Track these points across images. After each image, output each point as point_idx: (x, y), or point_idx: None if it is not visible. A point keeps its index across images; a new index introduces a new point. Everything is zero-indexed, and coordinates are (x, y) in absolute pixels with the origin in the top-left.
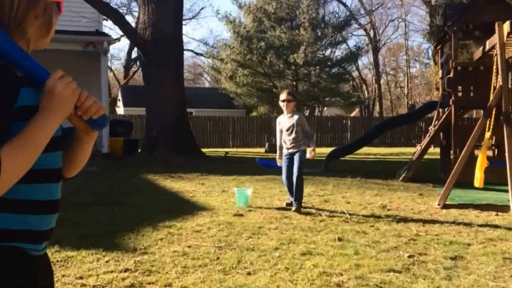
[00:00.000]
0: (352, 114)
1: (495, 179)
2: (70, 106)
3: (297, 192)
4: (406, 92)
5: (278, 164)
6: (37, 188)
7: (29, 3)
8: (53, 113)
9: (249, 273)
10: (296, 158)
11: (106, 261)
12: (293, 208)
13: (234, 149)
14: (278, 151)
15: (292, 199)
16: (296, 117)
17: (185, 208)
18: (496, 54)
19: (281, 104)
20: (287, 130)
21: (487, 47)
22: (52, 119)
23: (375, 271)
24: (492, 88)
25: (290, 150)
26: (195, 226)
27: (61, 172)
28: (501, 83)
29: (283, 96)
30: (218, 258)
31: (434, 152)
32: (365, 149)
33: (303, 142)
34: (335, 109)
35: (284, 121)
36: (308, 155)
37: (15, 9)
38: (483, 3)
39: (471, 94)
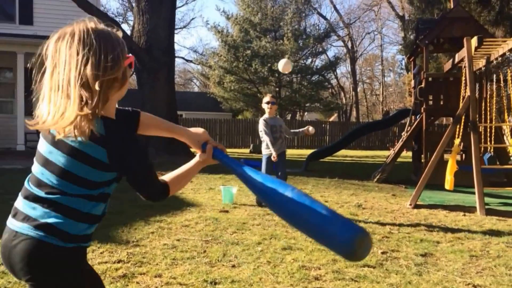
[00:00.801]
0: (331, 119)
1: (463, 181)
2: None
3: None
4: (381, 99)
5: (275, 161)
6: (104, 206)
7: (111, 83)
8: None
9: (233, 266)
10: (281, 159)
11: (101, 253)
12: None
13: None
14: (272, 148)
15: None
16: (279, 119)
17: (175, 204)
18: (464, 67)
19: (265, 106)
20: (275, 131)
21: (456, 59)
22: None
23: (350, 266)
24: (461, 98)
25: (277, 151)
26: (184, 221)
27: None
28: (469, 94)
29: (267, 99)
30: (205, 251)
31: (407, 155)
32: (342, 152)
33: (285, 143)
34: (315, 114)
35: (273, 123)
36: (310, 131)
37: (103, 93)
38: (453, 19)
39: (441, 103)
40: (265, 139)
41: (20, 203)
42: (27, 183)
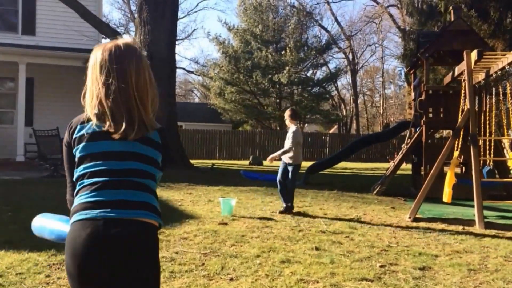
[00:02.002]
0: (331, 131)
1: (462, 195)
2: None
3: (289, 196)
4: (381, 111)
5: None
6: None
7: (150, 86)
8: None
9: (231, 279)
10: (290, 169)
11: None
12: (281, 209)
13: (221, 161)
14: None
15: (284, 203)
16: (288, 130)
17: (174, 216)
18: (464, 80)
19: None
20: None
21: (456, 73)
22: None
23: (349, 279)
24: (460, 110)
25: (286, 160)
26: (183, 233)
27: None
28: (468, 107)
29: (289, 112)
30: (203, 264)
31: (407, 168)
32: (342, 164)
33: (296, 155)
34: (316, 126)
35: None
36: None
37: (145, 94)
38: (453, 32)
39: (441, 116)
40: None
41: None
42: None
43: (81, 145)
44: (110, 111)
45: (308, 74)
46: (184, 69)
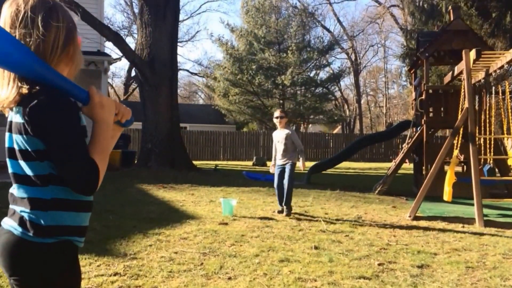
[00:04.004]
0: (335, 131)
1: (463, 193)
2: (114, 113)
3: (287, 199)
4: (384, 111)
5: (271, 171)
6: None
7: (64, 47)
8: (107, 121)
9: (229, 278)
10: (286, 169)
11: (98, 265)
12: (285, 213)
13: (224, 162)
14: (272, 161)
15: (280, 207)
16: (286, 131)
17: (175, 216)
18: (463, 79)
19: (275, 120)
20: (279, 142)
21: (456, 72)
22: (109, 126)
23: (347, 277)
24: (460, 109)
25: (281, 162)
26: (183, 233)
27: None
28: (467, 105)
29: (277, 113)
30: (202, 264)
31: (409, 167)
32: (345, 164)
33: (292, 155)
34: (319, 126)
35: (277, 135)
36: (301, 167)
37: (53, 52)
38: (452, 32)
39: (441, 115)
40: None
41: None
42: None
43: None
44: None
45: (311, 75)
46: (188, 70)
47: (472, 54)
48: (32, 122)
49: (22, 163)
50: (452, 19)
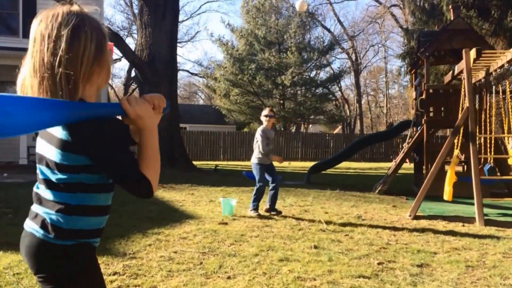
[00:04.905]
0: (335, 131)
1: (463, 193)
2: (153, 113)
3: (274, 198)
4: (385, 111)
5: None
6: (107, 196)
7: (95, 59)
8: (151, 127)
9: (229, 277)
10: (273, 168)
11: None
12: (274, 212)
13: (225, 162)
14: (265, 157)
15: (268, 204)
16: (273, 131)
17: (174, 216)
18: (463, 78)
19: (265, 118)
20: (270, 142)
21: (456, 71)
22: (152, 132)
23: (346, 276)
24: (461, 109)
25: (268, 161)
26: (182, 233)
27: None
28: (467, 105)
29: (267, 112)
30: (201, 263)
31: (410, 167)
32: (345, 164)
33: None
34: (319, 126)
35: (271, 134)
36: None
37: (85, 65)
38: (453, 31)
39: (442, 115)
40: (261, 148)
41: None
42: None
43: None
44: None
45: (312, 75)
46: (188, 71)
47: (472, 53)
48: (78, 141)
49: (55, 172)
50: (452, 18)
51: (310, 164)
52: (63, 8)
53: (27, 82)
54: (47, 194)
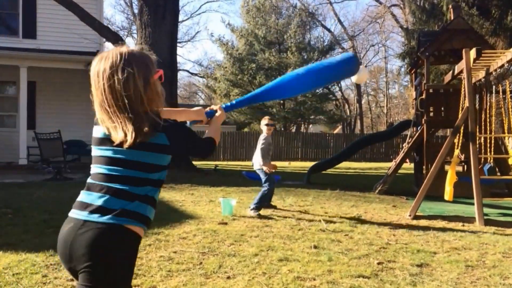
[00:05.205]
0: (335, 131)
1: (464, 193)
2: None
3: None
4: (385, 111)
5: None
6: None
7: (145, 89)
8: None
9: (228, 277)
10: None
11: None
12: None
13: (224, 162)
14: (267, 162)
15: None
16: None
17: (174, 216)
18: (463, 78)
19: (266, 128)
20: (271, 148)
21: (456, 71)
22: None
23: (346, 276)
24: (461, 109)
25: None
26: (182, 233)
27: None
28: (468, 105)
29: (267, 121)
30: (201, 263)
31: (410, 167)
32: (346, 164)
33: None
34: (320, 126)
35: (271, 141)
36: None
37: (139, 97)
38: (453, 31)
39: (442, 114)
40: (263, 155)
41: None
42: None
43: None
44: (109, 119)
45: None
46: (188, 71)
47: (472, 53)
48: (176, 143)
49: (137, 171)
50: (452, 18)
51: (310, 164)
52: (114, 51)
53: (98, 116)
54: (122, 187)
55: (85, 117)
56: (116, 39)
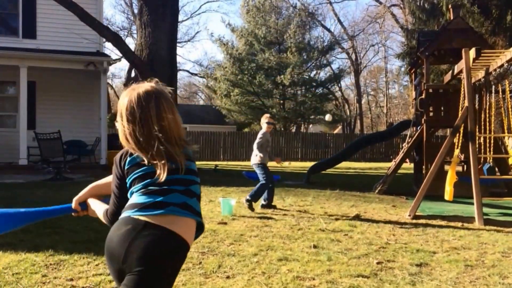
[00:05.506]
0: (335, 131)
1: (463, 192)
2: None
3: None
4: (385, 111)
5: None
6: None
7: (155, 128)
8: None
9: (228, 277)
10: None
11: (96, 265)
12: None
13: (224, 162)
14: (264, 158)
15: (266, 199)
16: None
17: None
18: (463, 78)
19: (267, 125)
20: (269, 146)
21: (456, 71)
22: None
23: (345, 276)
24: (460, 108)
25: (267, 161)
26: None
27: None
28: (467, 104)
29: (268, 119)
30: (200, 263)
31: (410, 167)
32: (345, 164)
33: None
34: (320, 126)
35: (269, 139)
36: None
37: (154, 137)
38: (452, 30)
39: (442, 114)
40: (259, 151)
41: None
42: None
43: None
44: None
45: (312, 75)
46: (188, 71)
47: (472, 53)
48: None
49: (198, 187)
50: (452, 17)
51: (310, 164)
52: (140, 88)
53: (124, 145)
54: (193, 203)
55: (85, 117)
56: (116, 39)
